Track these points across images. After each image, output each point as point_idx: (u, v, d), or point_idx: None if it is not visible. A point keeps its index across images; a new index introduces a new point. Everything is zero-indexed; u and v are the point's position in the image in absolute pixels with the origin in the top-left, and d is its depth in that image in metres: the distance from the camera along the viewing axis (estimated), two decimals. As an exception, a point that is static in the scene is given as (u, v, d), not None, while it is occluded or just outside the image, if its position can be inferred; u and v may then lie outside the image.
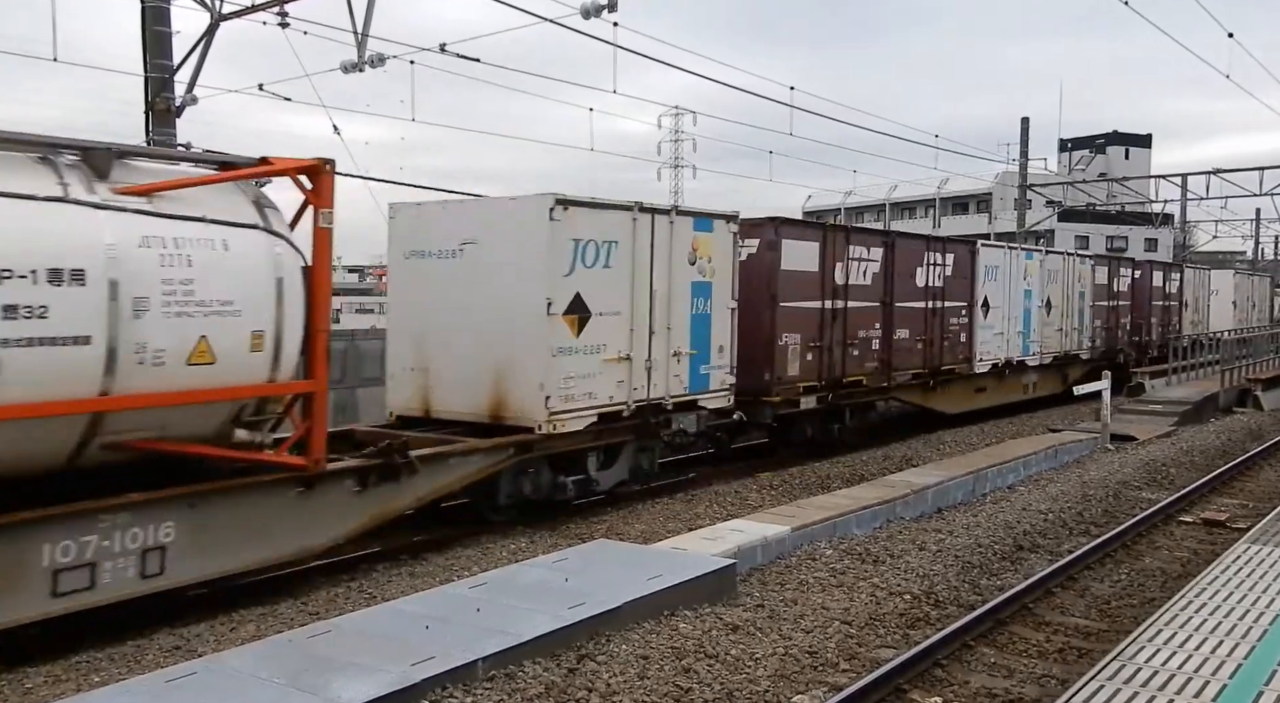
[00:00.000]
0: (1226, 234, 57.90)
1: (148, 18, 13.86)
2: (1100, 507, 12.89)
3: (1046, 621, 8.45)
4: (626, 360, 12.18)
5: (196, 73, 14.47)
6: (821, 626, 7.94)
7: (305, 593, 9.07)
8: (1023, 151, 36.22)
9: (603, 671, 6.73)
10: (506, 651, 6.58)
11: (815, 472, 14.98)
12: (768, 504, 12.55)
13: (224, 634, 7.94)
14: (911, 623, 8.20)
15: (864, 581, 9.18)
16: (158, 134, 14.10)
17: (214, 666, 6.24)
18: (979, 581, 9.47)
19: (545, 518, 11.71)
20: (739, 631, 7.70)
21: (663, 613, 7.81)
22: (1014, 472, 14.74)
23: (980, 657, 7.55)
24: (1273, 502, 12.96)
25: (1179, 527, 12.07)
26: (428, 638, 6.70)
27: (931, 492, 12.65)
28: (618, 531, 11.37)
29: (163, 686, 5.92)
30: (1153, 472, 15.39)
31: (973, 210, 77.05)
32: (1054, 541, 11.14)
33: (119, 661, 7.38)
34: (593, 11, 13.27)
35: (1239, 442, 18.87)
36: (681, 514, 12.19)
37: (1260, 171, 34.80)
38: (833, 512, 11.03)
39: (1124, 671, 5.66)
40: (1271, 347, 29.22)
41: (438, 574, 9.59)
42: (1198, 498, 13.56)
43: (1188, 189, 39.19)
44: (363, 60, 14.75)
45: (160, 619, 8.25)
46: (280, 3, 14.57)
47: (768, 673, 6.94)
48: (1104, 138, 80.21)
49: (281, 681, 5.98)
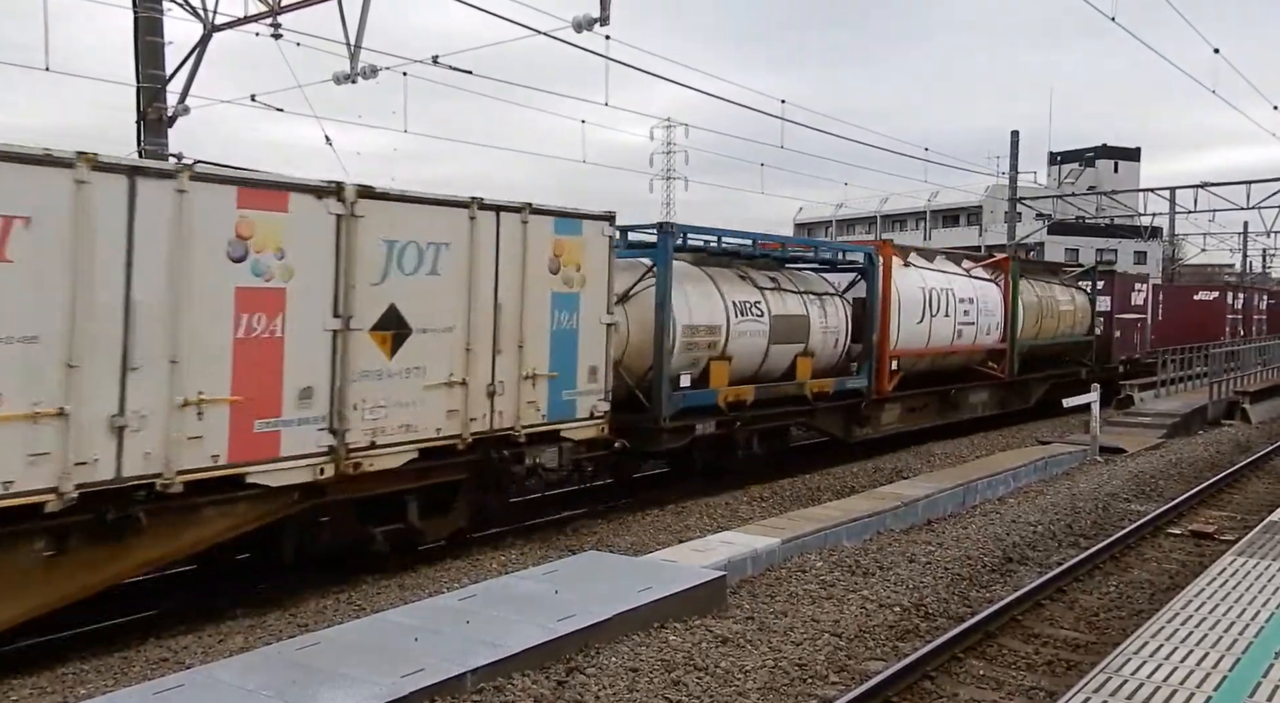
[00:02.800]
0: (1215, 247, 58.27)
1: (140, 28, 13.87)
2: (1089, 519, 12.93)
3: (1035, 633, 8.47)
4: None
5: (189, 83, 14.48)
6: (811, 638, 7.95)
7: (294, 604, 9.04)
8: (1012, 165, 36.39)
9: (592, 683, 6.73)
10: (495, 663, 6.58)
11: (805, 484, 14.99)
12: (758, 516, 12.56)
13: (212, 646, 7.90)
14: (901, 635, 8.22)
15: (854, 593, 9.19)
16: (150, 144, 14.10)
17: (202, 678, 6.22)
18: (968, 593, 9.49)
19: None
20: (729, 643, 7.70)
21: (652, 625, 7.81)
22: (1003, 484, 14.79)
23: (969, 669, 7.57)
24: (1260, 514, 13.02)
25: (1167, 539, 12.11)
26: (417, 650, 6.69)
27: (921, 504, 12.68)
28: (608, 542, 11.36)
29: (150, 698, 5.90)
30: (1141, 484, 15.44)
31: (963, 223, 77.34)
32: (1043, 553, 11.17)
33: (106, 673, 7.34)
34: (585, 25, 13.32)
35: (1227, 454, 18.95)
36: (672, 526, 12.19)
37: (1248, 185, 35.00)
38: (823, 524, 11.05)
39: (1111, 683, 5.68)
40: (1259, 360, 29.39)
41: (427, 586, 9.57)
42: (1186, 510, 13.61)
43: (1176, 202, 39.44)
44: (355, 72, 14.78)
45: (148, 631, 8.21)
46: (273, 14, 14.60)
47: (757, 686, 6.94)
48: (1093, 151, 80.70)
49: (270, 693, 5.96)
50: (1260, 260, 71.33)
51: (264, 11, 14.54)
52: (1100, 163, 79.84)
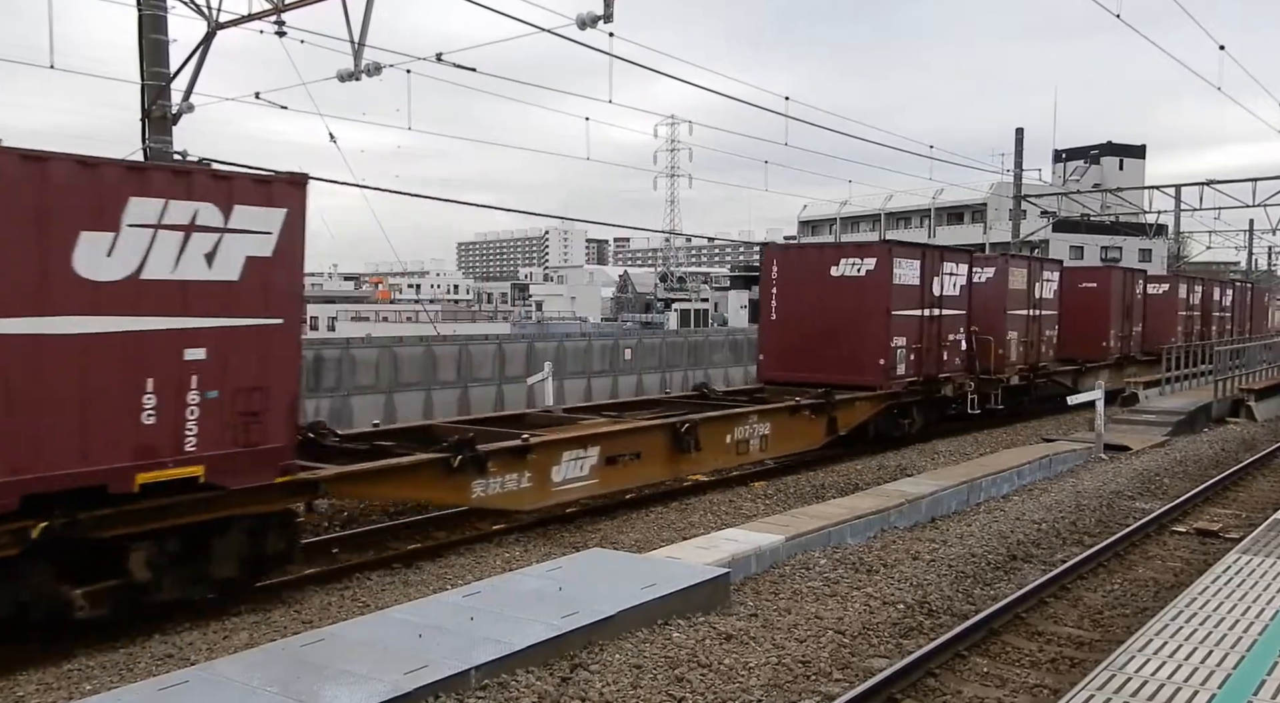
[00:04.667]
0: (1220, 245, 58.14)
1: (145, 25, 13.89)
2: (1094, 516, 12.92)
3: (1039, 630, 8.46)
4: None
5: (193, 80, 14.49)
6: (815, 635, 7.95)
7: (299, 601, 9.06)
8: (1017, 162, 36.34)
9: (596, 680, 6.74)
10: (499, 659, 6.59)
11: (810, 481, 15.00)
12: (762, 513, 12.57)
13: (216, 642, 7.93)
14: (905, 633, 8.22)
15: (858, 590, 9.19)
16: (154, 141, 14.12)
17: (206, 674, 6.24)
18: (972, 590, 9.48)
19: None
20: (732, 640, 7.71)
21: (656, 622, 7.81)
22: (1008, 481, 14.77)
23: (973, 666, 7.56)
24: (1265, 512, 13.00)
25: (1172, 537, 12.09)
26: (421, 647, 6.71)
27: (926, 501, 12.67)
28: (612, 539, 11.37)
29: (155, 693, 5.92)
30: (1146, 481, 15.42)
31: (968, 221, 77.24)
32: (1047, 550, 11.16)
33: (111, 669, 7.37)
34: (588, 22, 13.30)
35: (1232, 452, 18.91)
36: (676, 523, 12.20)
37: (1253, 183, 34.91)
38: (827, 521, 11.04)
39: (1114, 680, 5.67)
40: (1265, 357, 29.29)
41: (431, 583, 9.59)
42: (1191, 508, 13.59)
43: (1181, 200, 39.36)
44: (359, 69, 14.78)
45: (153, 627, 8.24)
46: (277, 11, 14.60)
47: (761, 683, 6.94)
48: (1098, 149, 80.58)
49: (274, 689, 5.98)
50: (1266, 258, 71.21)
51: (268, 9, 14.54)
52: (1105, 160, 79.72)
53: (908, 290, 18.24)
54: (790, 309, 18.36)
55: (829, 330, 17.79)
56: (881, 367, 17.59)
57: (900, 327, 17.98)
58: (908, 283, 18.26)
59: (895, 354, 17.88)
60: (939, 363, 19.27)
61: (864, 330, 17.68)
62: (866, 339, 17.64)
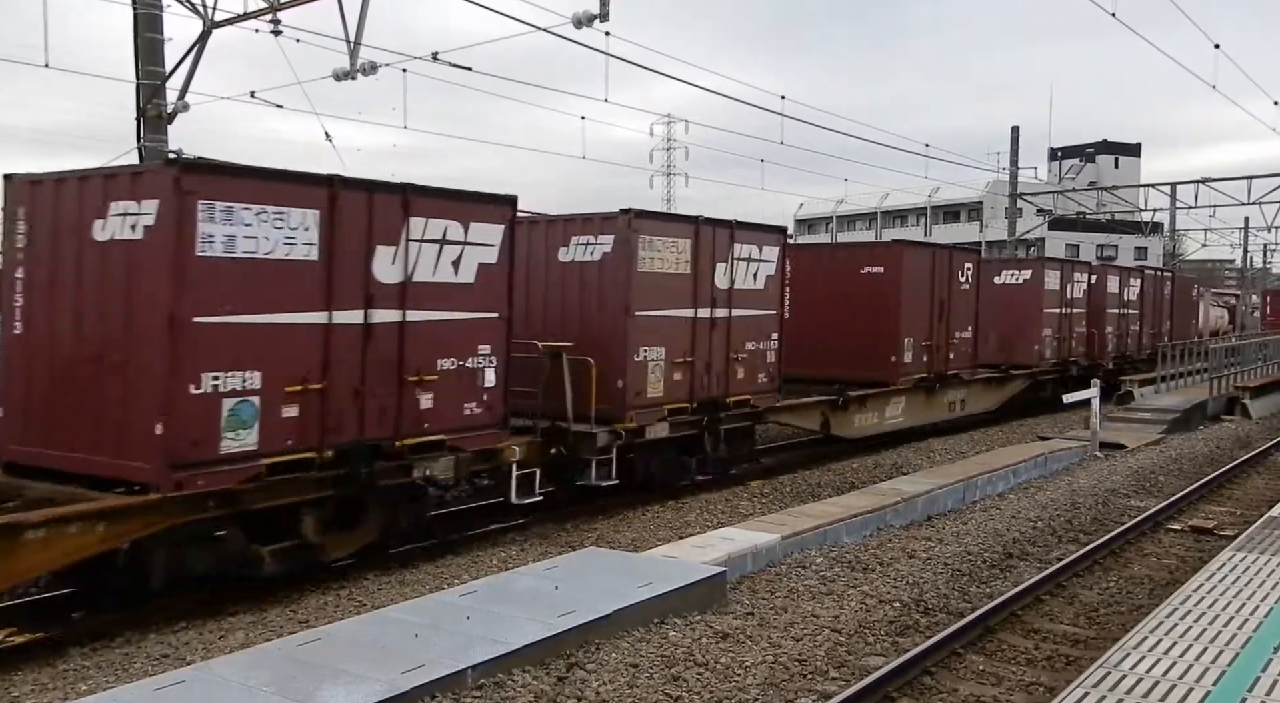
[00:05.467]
0: (1216, 243, 58.25)
1: (140, 24, 13.86)
2: (1089, 514, 12.94)
3: (1035, 628, 8.47)
4: None
5: (188, 79, 14.46)
6: (811, 634, 7.96)
7: (295, 601, 9.05)
8: (1013, 160, 36.38)
9: (592, 679, 6.74)
10: (496, 659, 6.59)
11: (805, 479, 15.01)
12: (758, 512, 12.57)
13: (213, 642, 7.92)
14: (901, 631, 8.23)
15: (854, 588, 9.20)
16: (149, 140, 14.09)
17: (203, 674, 6.23)
18: (968, 588, 9.50)
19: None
20: (729, 639, 7.71)
21: (653, 621, 7.82)
22: (1004, 479, 14.79)
23: (969, 664, 7.58)
24: (1260, 509, 13.03)
25: (1167, 534, 12.12)
26: (417, 646, 6.71)
27: (921, 499, 12.68)
28: (608, 538, 11.37)
29: (151, 693, 5.91)
30: (1141, 479, 15.45)
31: (964, 219, 77.33)
32: (1043, 548, 11.18)
33: (107, 669, 7.36)
34: (584, 21, 13.30)
35: (1227, 449, 18.95)
36: (672, 522, 12.20)
37: (1248, 181, 34.97)
38: (823, 520, 11.05)
39: (1110, 678, 5.69)
40: (1260, 355, 29.34)
41: (428, 582, 9.58)
42: (1186, 506, 13.62)
43: (1177, 198, 39.43)
44: (355, 68, 14.77)
45: (149, 627, 8.23)
46: (273, 10, 14.58)
47: (757, 681, 6.95)
48: (1094, 147, 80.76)
49: (270, 689, 5.97)
50: (1261, 256, 71.32)
51: (264, 8, 14.52)
52: (1101, 158, 79.90)
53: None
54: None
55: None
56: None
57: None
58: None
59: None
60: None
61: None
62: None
